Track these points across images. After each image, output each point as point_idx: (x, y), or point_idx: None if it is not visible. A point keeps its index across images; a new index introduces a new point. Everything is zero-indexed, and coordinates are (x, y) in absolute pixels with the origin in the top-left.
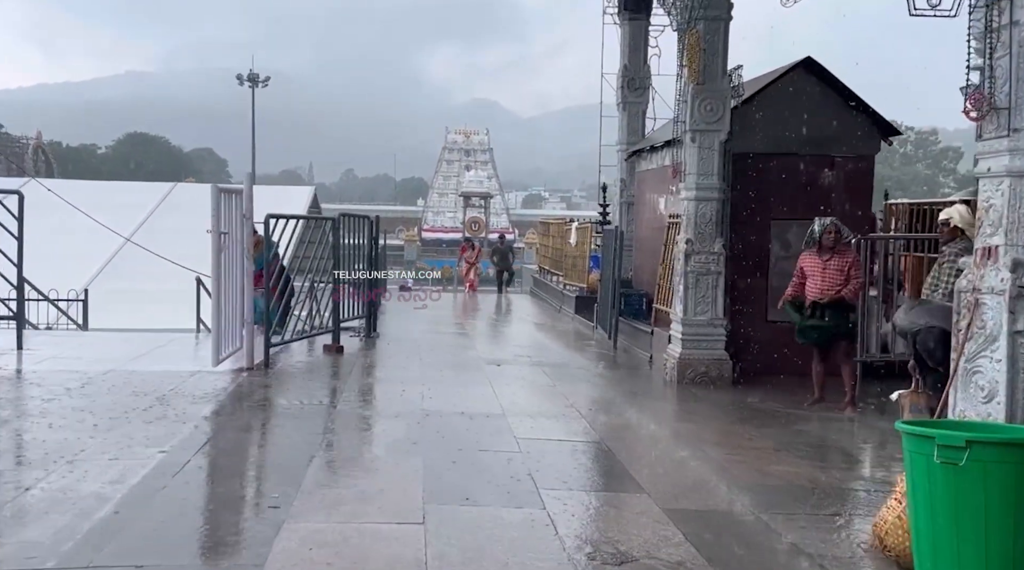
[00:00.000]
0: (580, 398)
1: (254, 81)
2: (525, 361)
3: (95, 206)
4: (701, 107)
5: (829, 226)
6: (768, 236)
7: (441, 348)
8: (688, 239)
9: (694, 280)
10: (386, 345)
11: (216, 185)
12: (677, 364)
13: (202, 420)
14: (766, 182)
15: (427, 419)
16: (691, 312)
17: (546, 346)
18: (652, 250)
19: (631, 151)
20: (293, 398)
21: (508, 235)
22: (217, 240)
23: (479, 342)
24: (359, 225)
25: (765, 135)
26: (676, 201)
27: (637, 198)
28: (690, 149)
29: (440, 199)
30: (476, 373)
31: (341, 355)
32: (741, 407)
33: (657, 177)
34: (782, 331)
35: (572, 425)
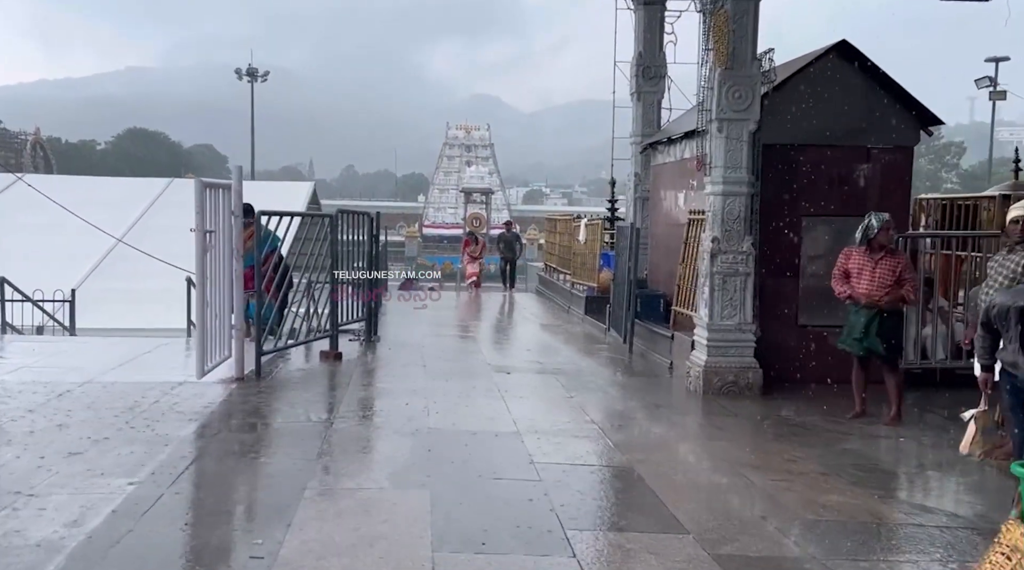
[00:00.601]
0: (599, 411)
1: (253, 76)
2: (536, 368)
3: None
4: (729, 94)
5: (886, 222)
6: (799, 233)
7: (446, 353)
8: (714, 237)
9: (720, 282)
10: (387, 350)
11: (200, 179)
12: (702, 373)
13: (181, 443)
14: (797, 176)
15: (433, 439)
16: (717, 316)
17: (557, 350)
18: (669, 248)
19: (646, 143)
20: (285, 414)
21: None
22: (202, 239)
23: (485, 346)
24: (358, 222)
25: (795, 125)
26: (697, 196)
27: (652, 193)
28: (716, 139)
29: (441, 195)
30: (484, 382)
31: (339, 362)
32: (776, 422)
33: (675, 170)
34: (814, 336)
35: (595, 445)
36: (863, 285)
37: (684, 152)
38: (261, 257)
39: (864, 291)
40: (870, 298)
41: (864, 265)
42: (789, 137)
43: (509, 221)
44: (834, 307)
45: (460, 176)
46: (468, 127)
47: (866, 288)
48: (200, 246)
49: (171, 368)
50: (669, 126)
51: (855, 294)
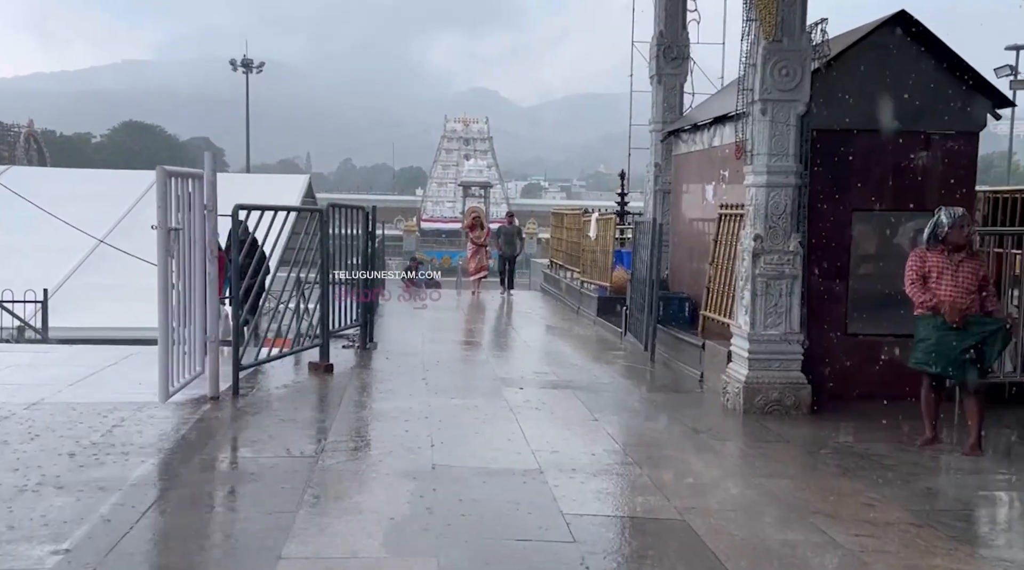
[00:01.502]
0: (630, 438)
1: (248, 67)
2: (550, 380)
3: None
4: (775, 71)
5: (960, 219)
6: (848, 230)
7: (449, 363)
8: (757, 235)
9: (764, 285)
10: (384, 360)
11: (163, 167)
12: (743, 389)
13: (131, 489)
14: (847, 164)
15: (439, 480)
16: (760, 325)
17: (571, 360)
18: (694, 246)
19: (668, 131)
20: (262, 447)
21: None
22: (164, 238)
23: (491, 354)
24: (352, 217)
25: (845, 107)
26: (729, 189)
27: (674, 185)
28: (759, 123)
29: (439, 189)
30: (495, 401)
31: (330, 375)
32: (836, 450)
33: (702, 160)
34: (864, 346)
35: (633, 488)
36: (945, 291)
37: (714, 139)
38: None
39: (948, 299)
40: (954, 308)
41: (944, 269)
42: (838, 121)
43: (511, 212)
44: (888, 313)
45: (458, 170)
46: (467, 120)
47: (949, 295)
48: (162, 246)
49: (138, 384)
50: (692, 112)
51: (939, 304)
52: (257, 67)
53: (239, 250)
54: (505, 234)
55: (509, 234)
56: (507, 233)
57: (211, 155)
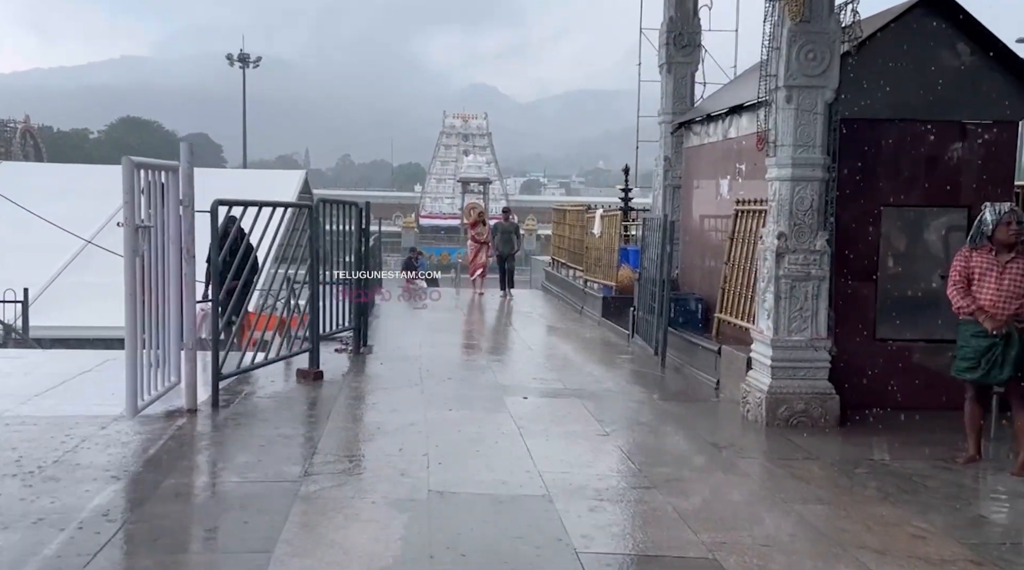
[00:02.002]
0: (646, 456)
1: (244, 62)
2: (555, 388)
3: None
4: (801, 54)
5: (1008, 215)
6: (877, 227)
7: (447, 369)
8: (780, 233)
9: (788, 287)
10: (379, 366)
11: (131, 158)
12: (765, 400)
13: (84, 525)
14: (875, 157)
15: (436, 511)
16: (784, 330)
17: (577, 364)
18: (707, 244)
19: (679, 122)
20: (241, 469)
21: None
22: (132, 237)
23: (492, 359)
24: (345, 213)
25: (874, 94)
26: (746, 183)
27: (685, 180)
28: (784, 111)
29: (438, 185)
30: (497, 412)
31: (320, 383)
32: (872, 470)
33: (717, 153)
34: (895, 352)
35: (654, 518)
36: (986, 296)
37: (729, 130)
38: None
39: (991, 302)
40: (992, 317)
41: (988, 270)
42: (867, 109)
43: (507, 208)
44: (920, 317)
45: (457, 166)
46: (466, 116)
47: (991, 300)
48: (129, 245)
49: (111, 395)
50: (704, 103)
51: (978, 310)
52: (254, 62)
53: (220, 247)
54: (502, 232)
55: (506, 232)
56: (504, 231)
57: (187, 146)
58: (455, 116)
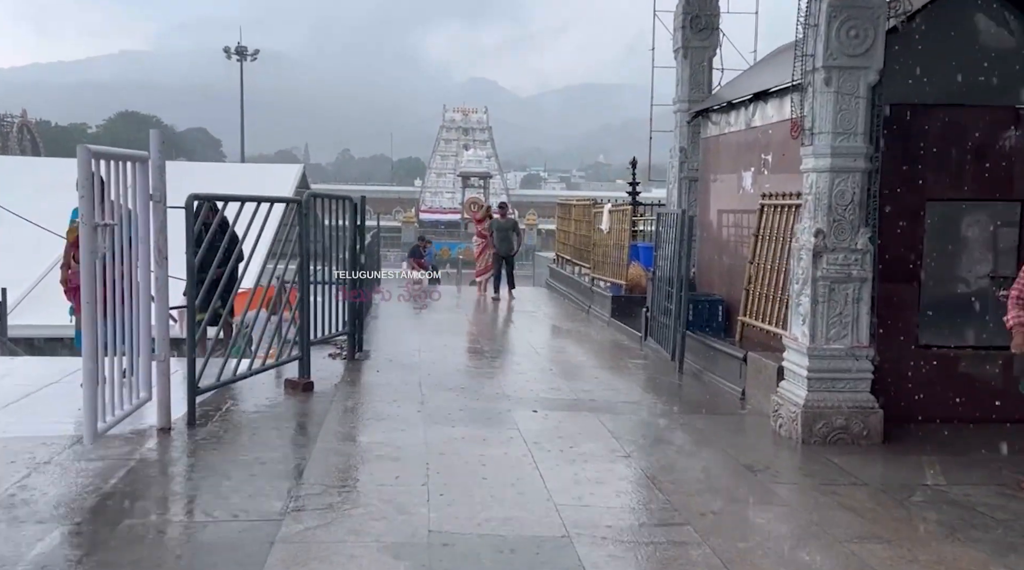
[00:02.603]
0: (675, 483)
1: (242, 55)
2: (567, 399)
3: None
4: (842, 32)
5: None
6: (921, 224)
7: (449, 377)
8: (818, 230)
9: (826, 290)
10: (375, 375)
11: (87, 147)
12: (801, 415)
13: None
14: (920, 145)
15: (436, 558)
16: (822, 337)
17: (588, 371)
18: (727, 242)
19: (696, 111)
20: (211, 503)
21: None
22: (90, 237)
23: (499, 364)
24: (338, 209)
25: (919, 77)
26: (772, 176)
27: (703, 172)
28: (822, 95)
29: (438, 179)
30: (504, 430)
31: (310, 395)
32: (928, 497)
33: (739, 143)
34: (939, 360)
35: (692, 566)
36: None
37: (753, 118)
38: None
39: None
40: None
41: None
42: (911, 93)
43: (504, 203)
44: (967, 321)
45: (457, 160)
46: (466, 110)
47: None
48: (87, 246)
49: (78, 411)
50: (722, 90)
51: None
52: (251, 55)
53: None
54: (499, 229)
55: (504, 229)
56: (501, 228)
57: (157, 134)
58: (455, 110)
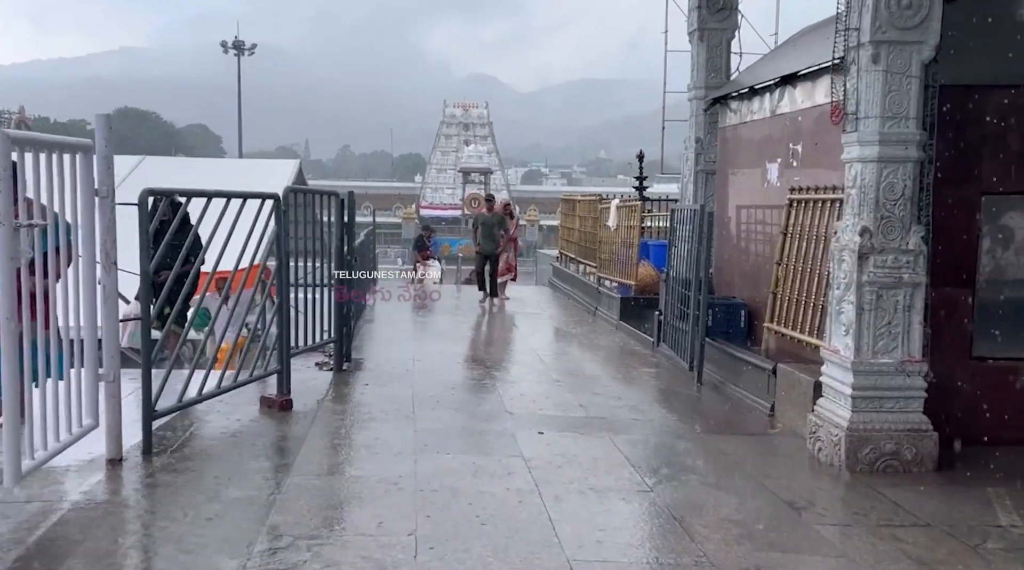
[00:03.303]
0: (708, 528)
1: (239, 49)
2: (577, 416)
3: None
4: (892, 1)
5: None
6: (975, 220)
7: (446, 391)
8: (864, 228)
9: (873, 297)
10: (363, 388)
11: (6, 131)
12: (845, 439)
13: None
14: (977, 132)
15: None
16: (868, 350)
17: (597, 381)
18: (749, 240)
19: (713, 98)
20: (156, 562)
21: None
22: (10, 240)
23: (499, 374)
24: (323, 206)
25: (975, 54)
26: (802, 168)
27: (721, 165)
28: (869, 74)
29: (438, 175)
30: (507, 457)
31: (288, 415)
32: (1006, 540)
33: (763, 132)
34: (998, 374)
35: None
36: None
37: (779, 105)
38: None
39: None
40: None
41: None
42: (966, 72)
43: (491, 195)
44: None
45: (458, 156)
46: (466, 105)
47: None
48: (6, 250)
49: None
50: (741, 76)
51: None
52: (249, 49)
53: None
54: (484, 225)
55: (489, 225)
56: (487, 224)
57: (104, 118)
58: (455, 105)
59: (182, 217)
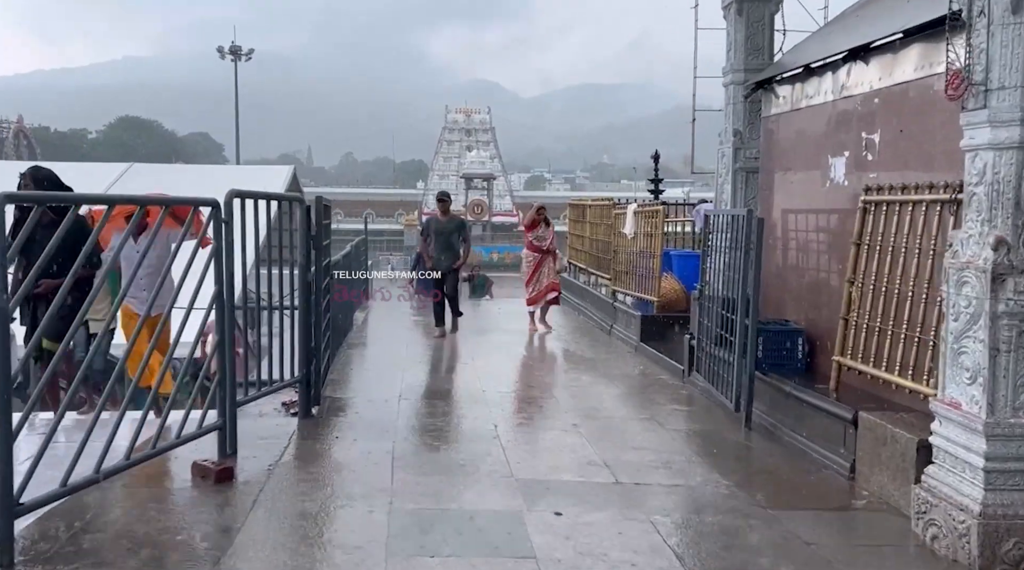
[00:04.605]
0: None
1: (236, 54)
2: (603, 484)
3: None
4: None
5: None
6: None
7: (438, 449)
8: (999, 240)
9: (1013, 334)
10: (331, 443)
11: None
12: (977, 530)
13: None
14: None
15: None
16: (1007, 406)
17: (624, 426)
18: (805, 252)
19: (755, 83)
20: None
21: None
22: None
23: (503, 419)
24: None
25: None
26: (880, 161)
27: (766, 161)
28: (1006, 30)
29: (441, 181)
30: (516, 560)
31: (226, 489)
32: None
33: (824, 120)
34: None
35: None
36: None
37: (846, 85)
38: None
39: None
40: None
41: None
42: None
43: (445, 194)
44: None
45: (460, 161)
46: (468, 110)
47: None
48: None
49: None
50: (786, 58)
51: None
52: (246, 54)
53: (26, 254)
54: (438, 233)
55: (446, 233)
56: (441, 230)
57: None
58: (458, 110)
59: (76, 225)
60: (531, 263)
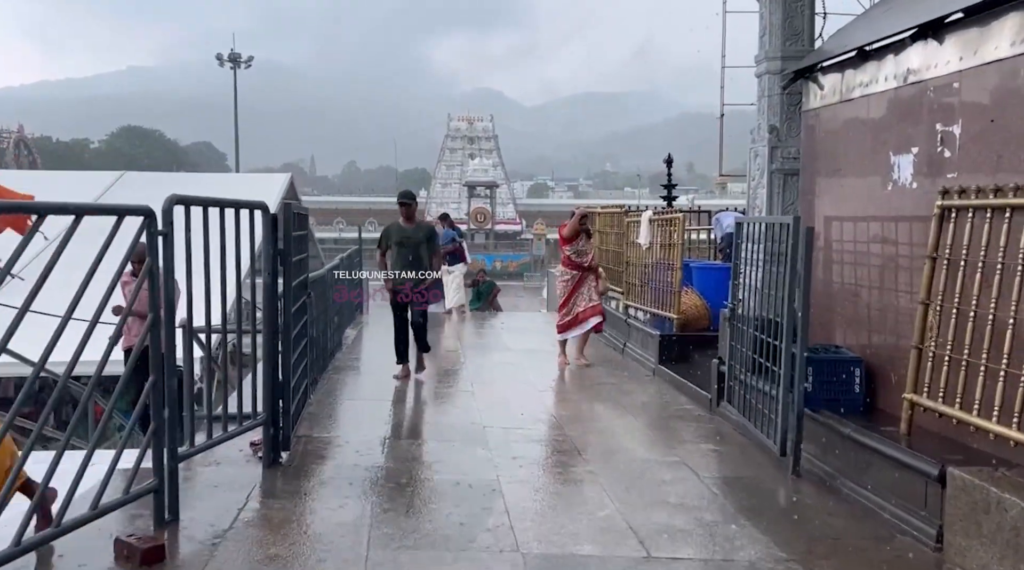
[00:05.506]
0: None
1: (235, 62)
2: (629, 560)
3: None
4: None
5: None
6: None
7: (426, 511)
8: None
9: None
10: (297, 502)
11: None
12: None
13: None
14: None
15: None
16: None
17: (648, 472)
18: (864, 265)
19: (794, 72)
20: None
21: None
22: None
23: (505, 468)
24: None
25: None
26: (961, 159)
27: (809, 161)
28: None
29: (443, 189)
30: None
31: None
32: None
33: (885, 111)
34: None
35: None
36: None
37: (912, 69)
38: None
39: None
40: None
41: None
42: None
43: (409, 196)
44: None
45: (463, 170)
46: (471, 118)
47: None
48: None
49: None
50: (828, 45)
51: None
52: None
53: None
54: (401, 244)
55: (412, 244)
56: (406, 242)
57: None
58: (460, 119)
59: None
60: (567, 282)
